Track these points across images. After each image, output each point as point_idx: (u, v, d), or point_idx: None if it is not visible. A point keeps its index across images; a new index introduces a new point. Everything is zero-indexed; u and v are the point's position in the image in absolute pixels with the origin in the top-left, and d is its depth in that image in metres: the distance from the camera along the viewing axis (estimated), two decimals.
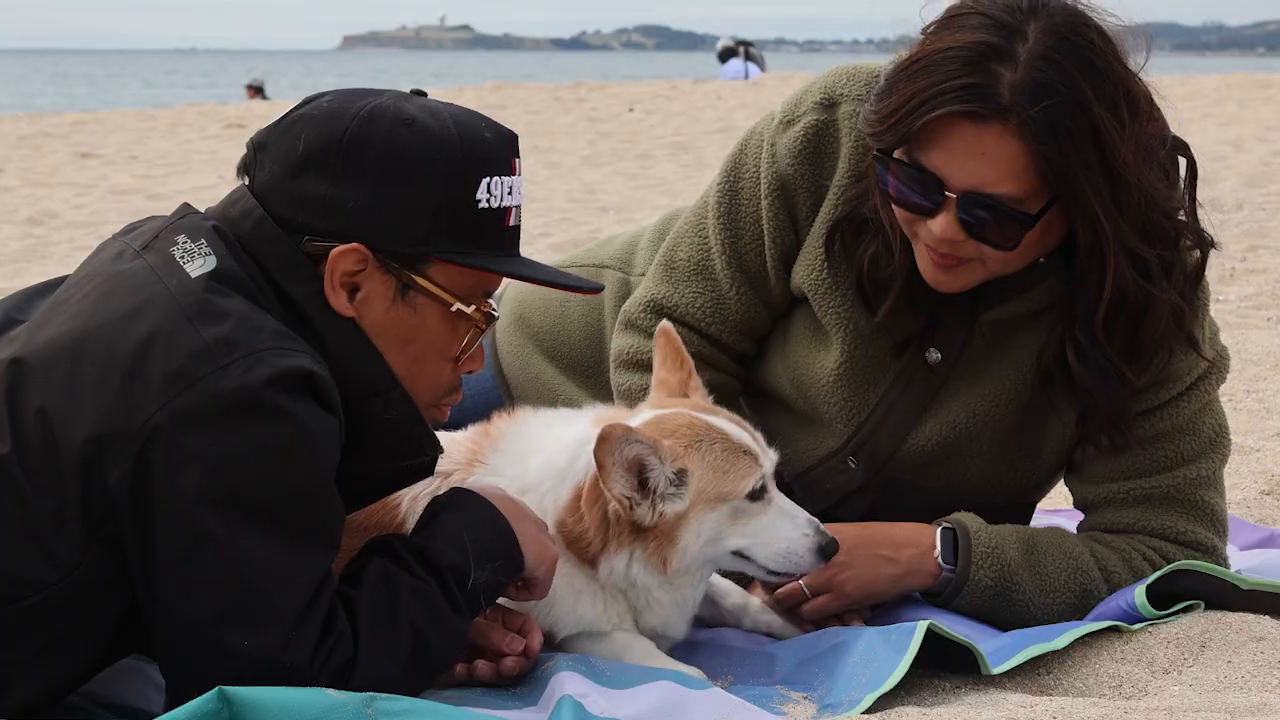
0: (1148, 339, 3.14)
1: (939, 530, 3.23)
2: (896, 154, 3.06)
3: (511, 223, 2.70)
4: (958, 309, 3.26)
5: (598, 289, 2.85)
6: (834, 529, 3.09)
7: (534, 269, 2.75)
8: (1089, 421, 3.25)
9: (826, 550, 2.99)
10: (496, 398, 3.93)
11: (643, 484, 2.90)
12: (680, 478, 2.92)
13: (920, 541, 3.22)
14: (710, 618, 3.28)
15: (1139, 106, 3.04)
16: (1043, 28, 2.99)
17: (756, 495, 2.97)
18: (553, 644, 3.01)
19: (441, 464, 3.00)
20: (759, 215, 3.40)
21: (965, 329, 3.29)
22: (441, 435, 3.12)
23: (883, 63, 3.32)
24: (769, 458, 3.02)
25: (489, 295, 2.74)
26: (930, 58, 3.01)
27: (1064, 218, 3.06)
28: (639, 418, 3.01)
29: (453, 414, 2.92)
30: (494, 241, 2.68)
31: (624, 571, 2.95)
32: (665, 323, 3.23)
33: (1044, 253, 3.15)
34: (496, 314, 2.76)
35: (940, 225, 3.05)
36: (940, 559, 3.21)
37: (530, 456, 3.04)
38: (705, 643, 3.17)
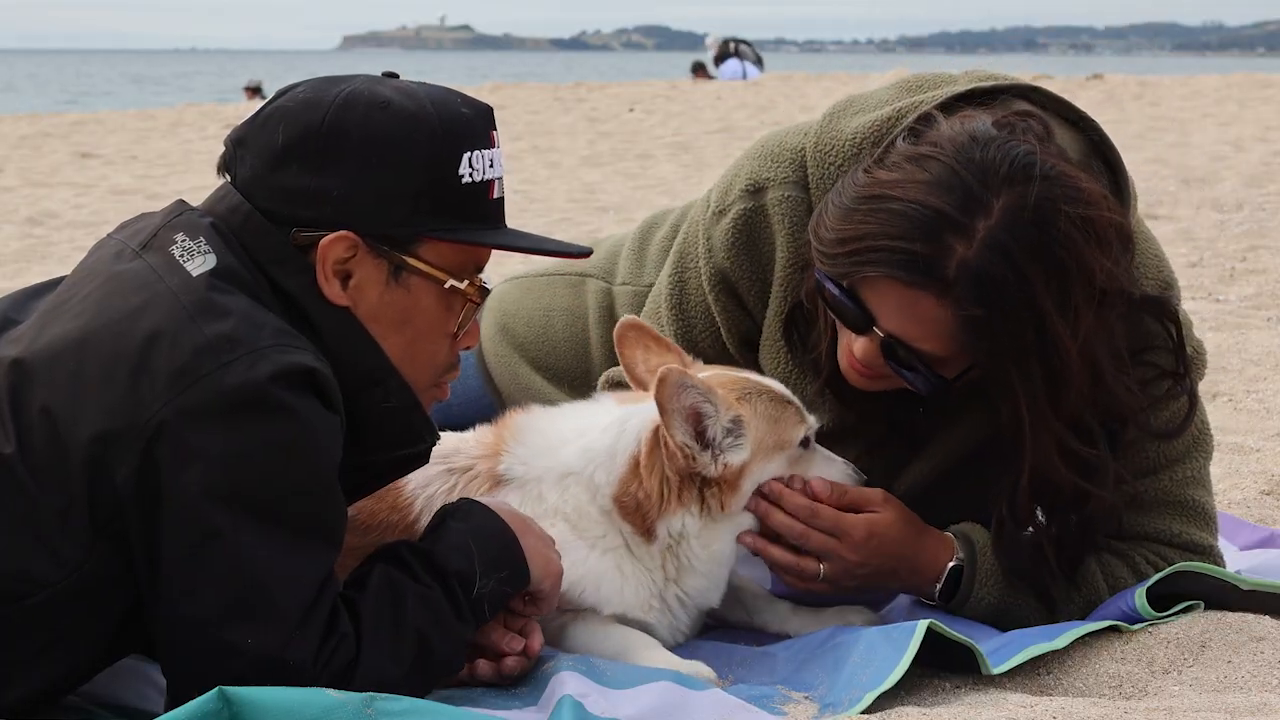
0: (1092, 527, 3.10)
1: (949, 565, 3.18)
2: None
3: (495, 195, 2.71)
4: None
5: (585, 253, 2.83)
6: (881, 527, 3.11)
7: (523, 239, 2.77)
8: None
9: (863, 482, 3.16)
10: (487, 404, 3.92)
11: (699, 435, 2.97)
12: (737, 426, 2.99)
13: (930, 572, 3.19)
14: (738, 622, 3.31)
15: (1100, 296, 2.89)
16: (1010, 207, 2.83)
17: (805, 443, 3.08)
18: (554, 627, 3.04)
19: (462, 460, 3.05)
20: (708, 307, 3.39)
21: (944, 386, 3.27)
22: (458, 434, 3.16)
23: (806, 133, 3.26)
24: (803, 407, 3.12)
25: (479, 270, 2.75)
26: (890, 202, 2.88)
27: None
28: None
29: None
30: (480, 215, 2.68)
31: (680, 529, 3.03)
32: (628, 316, 3.24)
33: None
34: (490, 287, 2.77)
35: (861, 348, 3.04)
36: (939, 595, 3.19)
37: (560, 446, 3.08)
38: (706, 643, 3.18)
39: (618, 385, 3.45)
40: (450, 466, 3.08)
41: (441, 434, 3.17)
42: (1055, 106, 3.17)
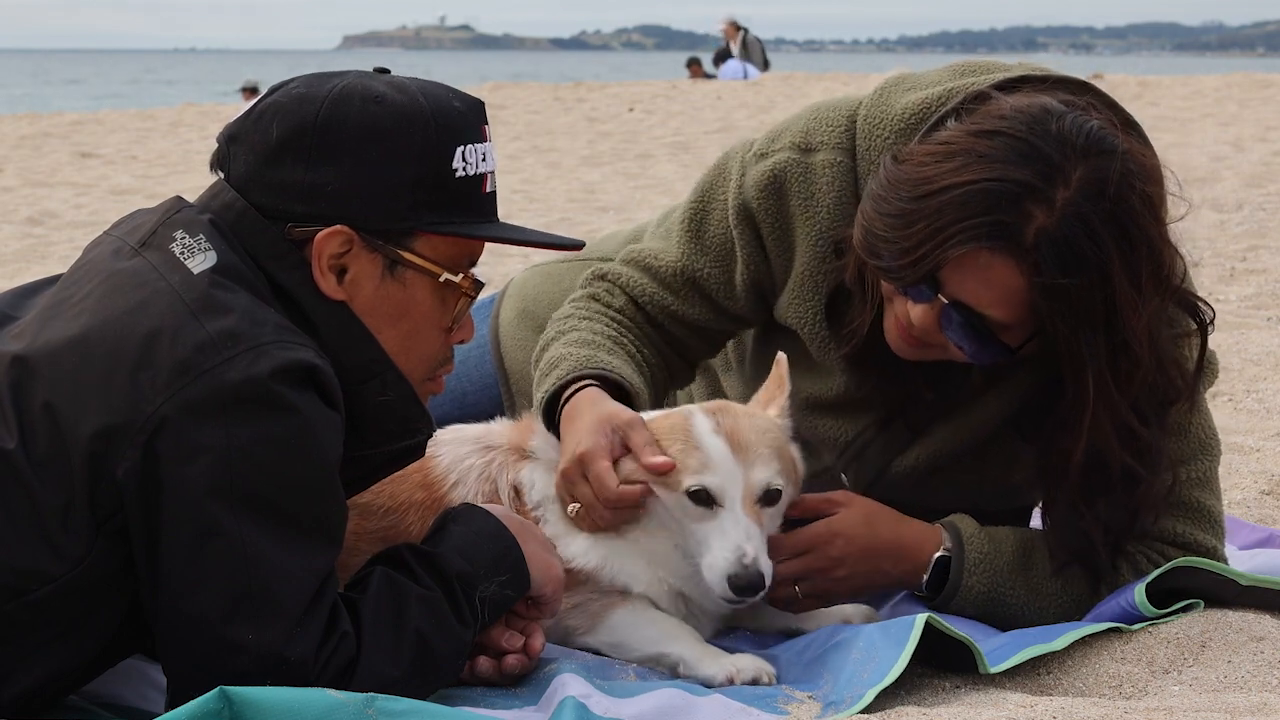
0: (1139, 512, 3.10)
1: (936, 555, 3.19)
2: None
3: (488, 189, 2.72)
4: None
5: (578, 245, 2.84)
6: (842, 524, 3.12)
7: (516, 232, 2.77)
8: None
9: (738, 583, 2.92)
10: (499, 393, 3.95)
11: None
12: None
13: (917, 559, 3.20)
14: (740, 622, 3.30)
15: (1165, 277, 2.96)
16: (1088, 179, 2.86)
17: (699, 499, 2.99)
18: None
19: (494, 439, 3.18)
20: (725, 239, 3.38)
21: (964, 371, 3.26)
22: (480, 424, 3.26)
23: (859, 104, 3.26)
24: (739, 473, 2.98)
25: (473, 264, 2.76)
26: (959, 190, 2.88)
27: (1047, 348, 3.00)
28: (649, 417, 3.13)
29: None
30: (474, 209, 2.69)
31: (662, 516, 3.03)
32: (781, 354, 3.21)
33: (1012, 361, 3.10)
34: (484, 281, 2.78)
35: (919, 315, 3.03)
36: (926, 586, 3.19)
37: None
38: (708, 644, 3.17)
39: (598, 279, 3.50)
40: (486, 444, 3.17)
41: (456, 426, 3.23)
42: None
